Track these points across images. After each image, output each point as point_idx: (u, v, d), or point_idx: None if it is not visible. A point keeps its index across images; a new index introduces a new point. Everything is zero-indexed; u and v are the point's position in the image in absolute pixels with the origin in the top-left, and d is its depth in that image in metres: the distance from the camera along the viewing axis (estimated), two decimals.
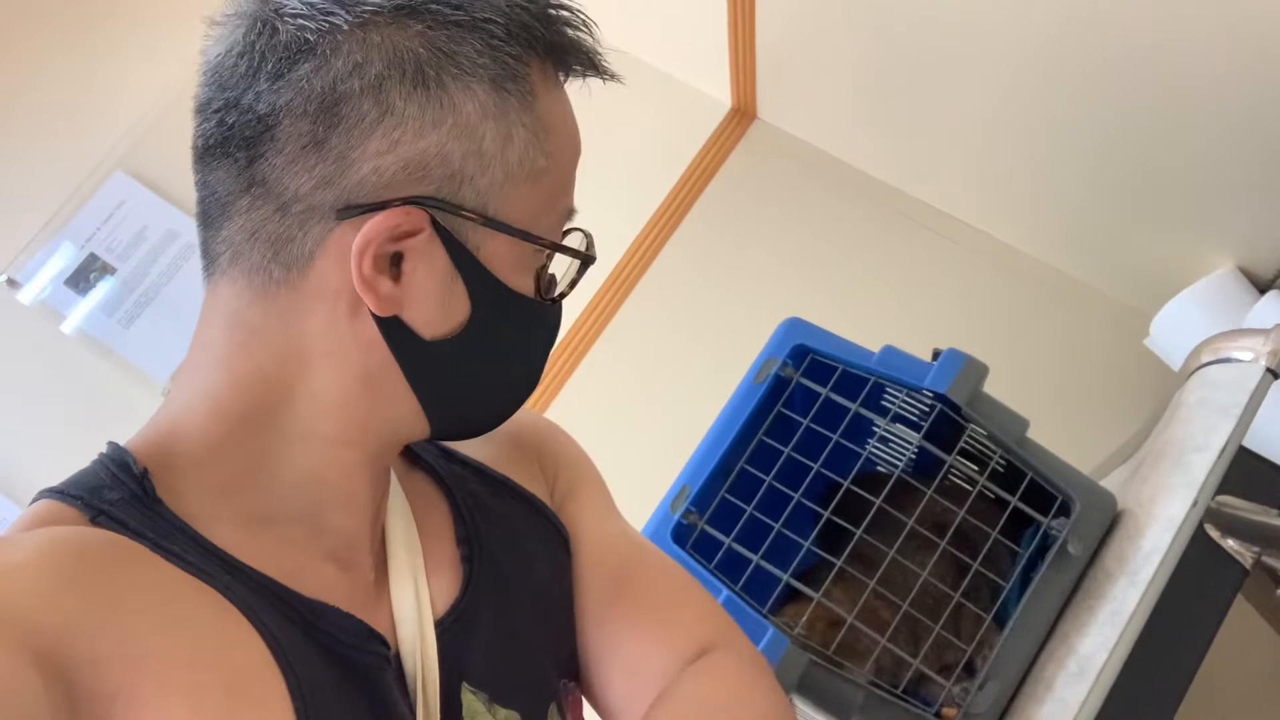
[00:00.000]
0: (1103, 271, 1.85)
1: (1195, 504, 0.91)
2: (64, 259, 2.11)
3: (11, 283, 2.09)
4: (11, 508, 1.97)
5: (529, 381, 0.67)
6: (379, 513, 0.66)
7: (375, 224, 0.55)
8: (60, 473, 0.62)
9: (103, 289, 2.10)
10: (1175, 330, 1.62)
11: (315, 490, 0.61)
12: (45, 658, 0.46)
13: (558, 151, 0.60)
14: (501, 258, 0.60)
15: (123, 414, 2.00)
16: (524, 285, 0.62)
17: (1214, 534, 1.02)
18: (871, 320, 1.39)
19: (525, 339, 0.64)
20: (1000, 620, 1.01)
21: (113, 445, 0.61)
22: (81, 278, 2.10)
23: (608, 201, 2.10)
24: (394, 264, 0.57)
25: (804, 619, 1.02)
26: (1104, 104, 1.51)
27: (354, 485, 0.62)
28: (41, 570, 0.49)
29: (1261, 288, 1.59)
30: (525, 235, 0.60)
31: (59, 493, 0.57)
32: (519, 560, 0.72)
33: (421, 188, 0.56)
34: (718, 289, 2.01)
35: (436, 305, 0.59)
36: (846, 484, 1.04)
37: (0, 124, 2.19)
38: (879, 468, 1.26)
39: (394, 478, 0.69)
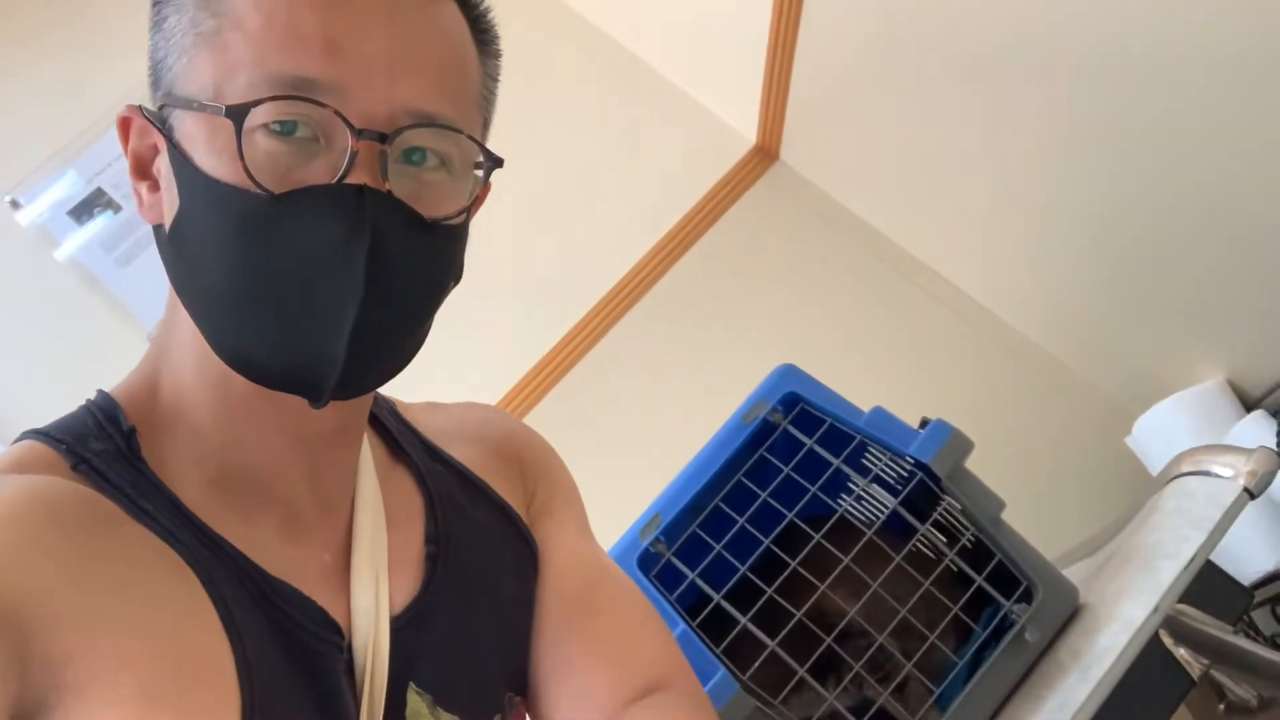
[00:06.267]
0: (1097, 365, 1.87)
1: (1156, 609, 0.91)
2: (69, 187, 2.09)
3: (14, 204, 2.07)
4: None
5: (243, 289, 0.54)
6: (336, 496, 0.65)
7: (121, 132, 0.60)
8: (29, 392, 0.62)
9: (102, 222, 2.08)
10: (1158, 434, 1.63)
11: (239, 451, 0.60)
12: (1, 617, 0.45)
13: (235, 9, 0.54)
14: (194, 138, 0.55)
15: (102, 350, 1.98)
16: (222, 169, 0.54)
17: (1167, 641, 1.02)
18: (863, 377, 1.39)
19: (220, 232, 0.54)
20: (946, 696, 1.01)
21: (102, 394, 0.61)
22: (85, 211, 2.08)
23: (619, 216, 2.11)
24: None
25: (755, 664, 1.02)
26: (1126, 205, 1.52)
27: (262, 439, 0.61)
28: (9, 527, 0.49)
29: (1248, 405, 1.60)
30: (197, 104, 0.54)
31: (43, 434, 0.57)
32: (485, 567, 0.71)
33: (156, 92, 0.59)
34: (716, 322, 2.01)
35: (168, 202, 0.58)
36: (817, 537, 1.04)
37: (24, 46, 2.17)
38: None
39: (373, 470, 0.69)
